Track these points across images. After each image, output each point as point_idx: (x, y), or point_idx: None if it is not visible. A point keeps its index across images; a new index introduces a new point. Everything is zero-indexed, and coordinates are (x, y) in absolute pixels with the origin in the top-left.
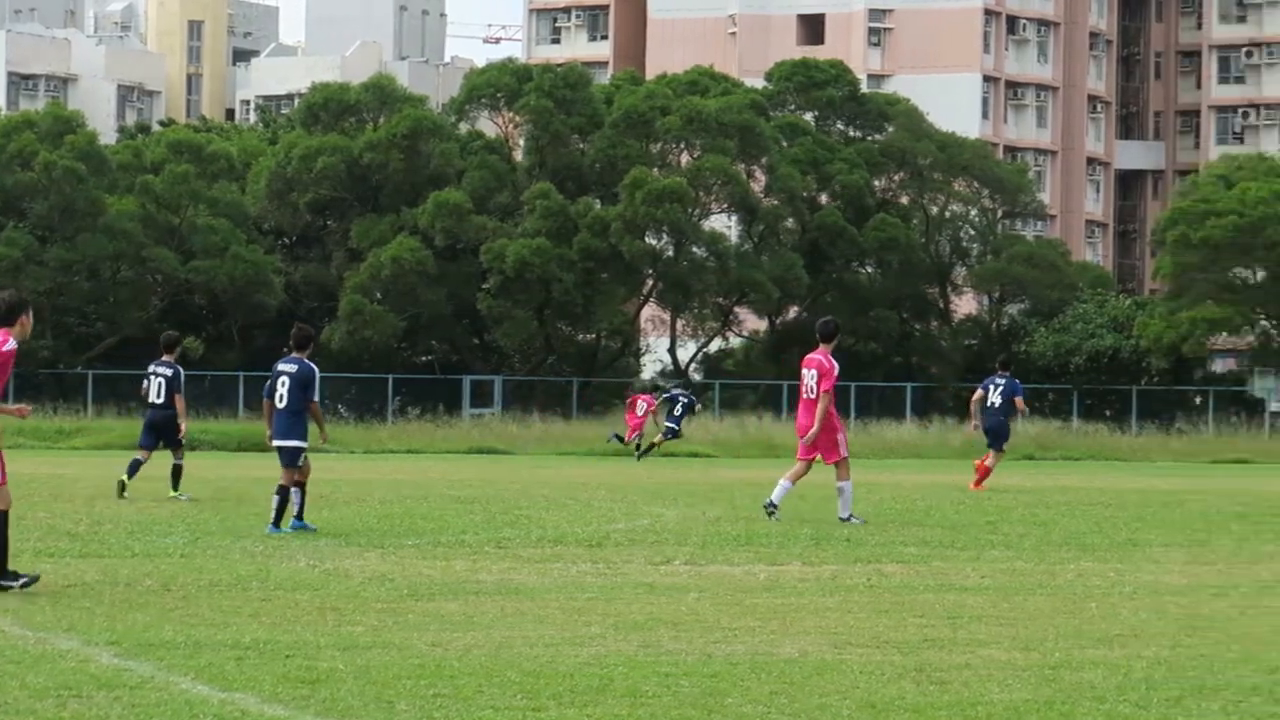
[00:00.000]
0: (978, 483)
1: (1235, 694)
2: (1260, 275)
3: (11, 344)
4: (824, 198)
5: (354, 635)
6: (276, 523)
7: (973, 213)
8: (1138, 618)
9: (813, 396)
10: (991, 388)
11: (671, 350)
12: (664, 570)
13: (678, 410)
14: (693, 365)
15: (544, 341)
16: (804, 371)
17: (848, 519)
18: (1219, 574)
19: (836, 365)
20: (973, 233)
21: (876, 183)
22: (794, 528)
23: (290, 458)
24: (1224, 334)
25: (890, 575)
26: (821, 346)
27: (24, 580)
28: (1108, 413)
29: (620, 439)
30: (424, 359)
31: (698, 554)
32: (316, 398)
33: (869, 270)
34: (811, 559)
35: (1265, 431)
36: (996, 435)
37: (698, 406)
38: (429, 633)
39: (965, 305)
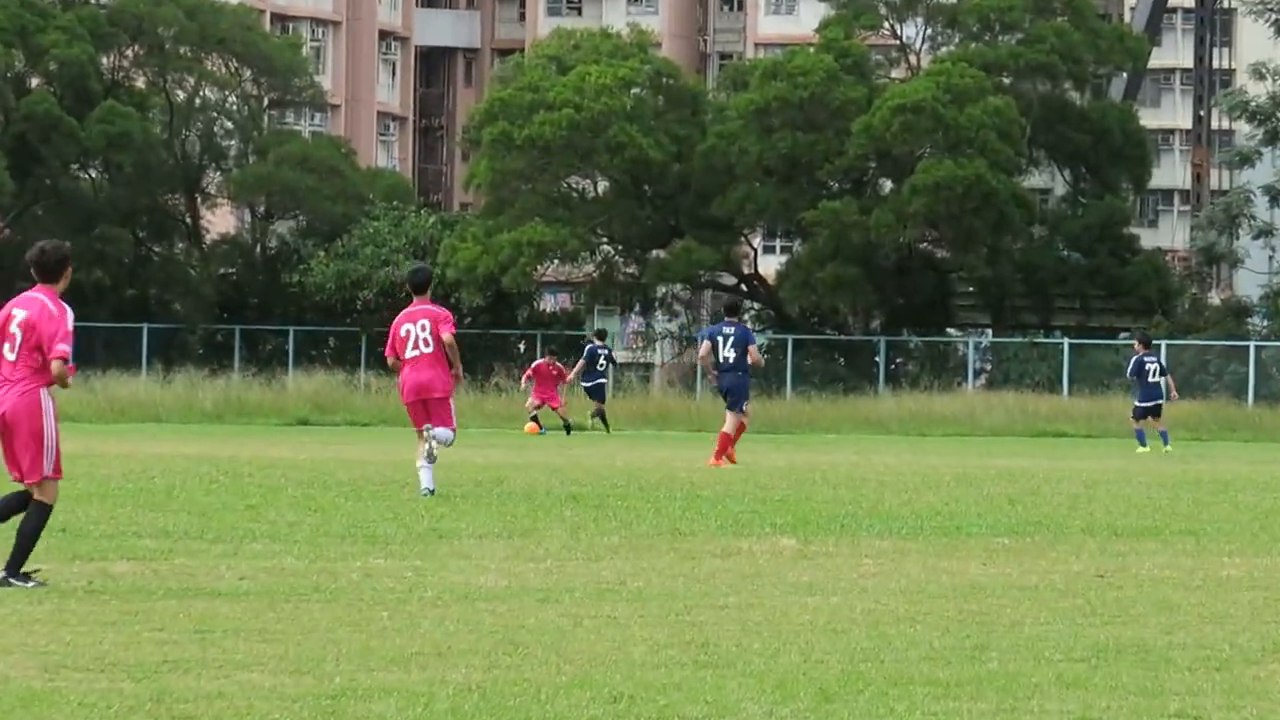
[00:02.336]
0: (718, 455)
1: None
2: (602, 187)
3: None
4: (34, 80)
5: None
6: None
7: (231, 100)
8: (443, 631)
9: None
10: (720, 339)
11: None
12: None
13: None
14: None
15: None
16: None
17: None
18: (548, 573)
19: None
20: (230, 126)
21: (104, 60)
22: None
23: None
24: (556, 262)
25: (119, 576)
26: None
27: (35, 582)
28: None
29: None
30: None
31: None
32: None
33: (93, 175)
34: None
35: (614, 389)
36: (736, 395)
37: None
38: None
39: (221, 222)
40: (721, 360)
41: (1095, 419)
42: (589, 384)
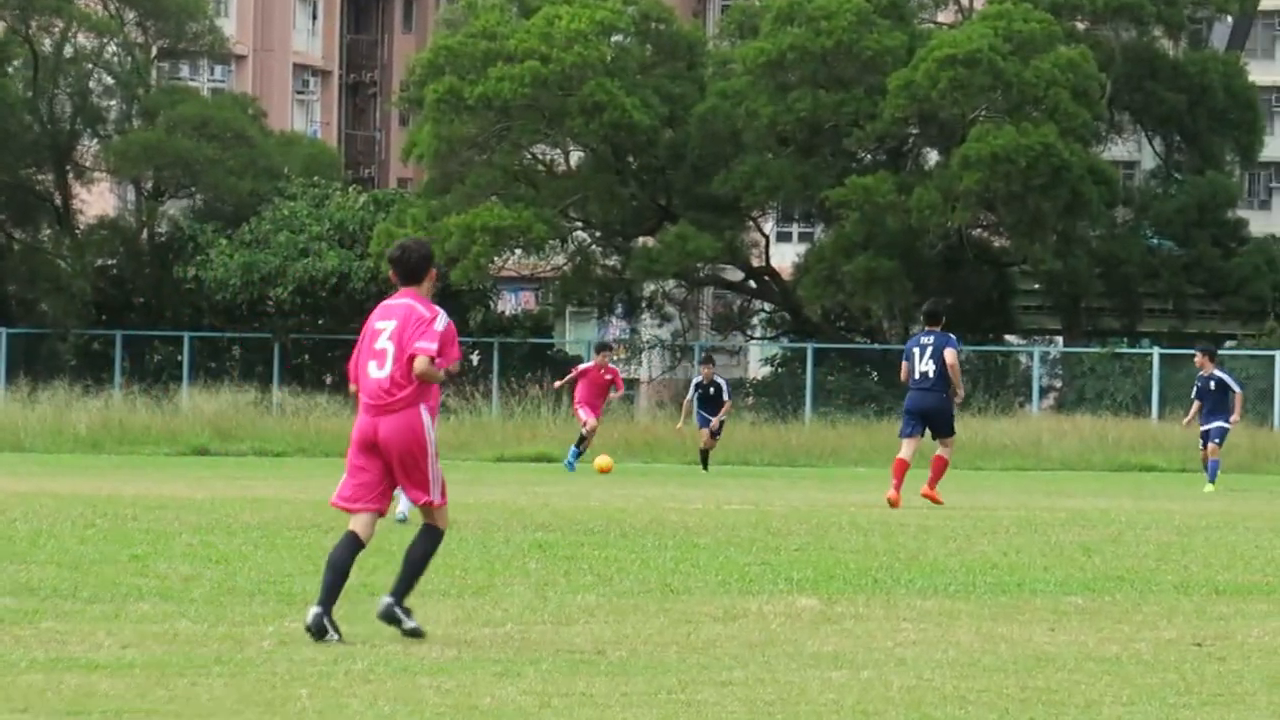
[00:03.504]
0: (932, 484)
1: None
2: (575, 158)
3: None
4: None
5: None
6: None
7: (111, 50)
8: (376, 712)
9: None
10: (917, 352)
11: None
12: None
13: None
14: None
15: None
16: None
17: None
18: (507, 641)
19: None
20: (110, 83)
21: None
22: None
23: None
24: (518, 252)
25: None
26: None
27: (412, 626)
28: (329, 378)
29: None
30: None
31: None
32: None
33: None
34: None
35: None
36: (937, 421)
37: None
38: None
39: (99, 202)
40: (919, 376)
41: (1192, 449)
42: None
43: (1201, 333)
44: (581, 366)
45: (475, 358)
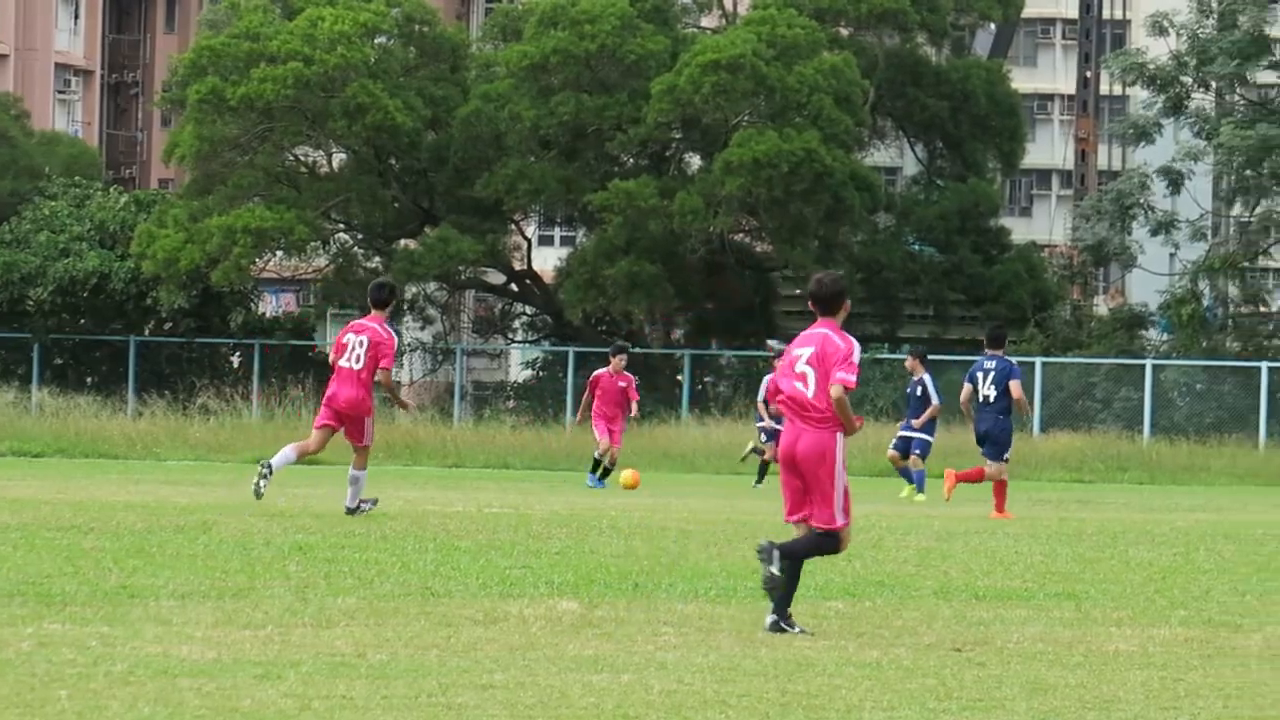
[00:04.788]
0: (999, 507)
1: None
2: (338, 160)
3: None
4: None
5: None
6: None
7: None
8: (136, 714)
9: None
10: (980, 376)
11: None
12: None
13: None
14: None
15: None
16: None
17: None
18: (267, 643)
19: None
20: None
21: None
22: None
23: None
24: (279, 254)
25: None
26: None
27: (800, 629)
28: (91, 378)
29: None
30: None
31: None
32: None
33: None
34: None
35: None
36: (995, 442)
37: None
38: None
39: None
40: (981, 399)
41: (956, 454)
42: None
43: (962, 339)
44: (597, 372)
45: (236, 359)
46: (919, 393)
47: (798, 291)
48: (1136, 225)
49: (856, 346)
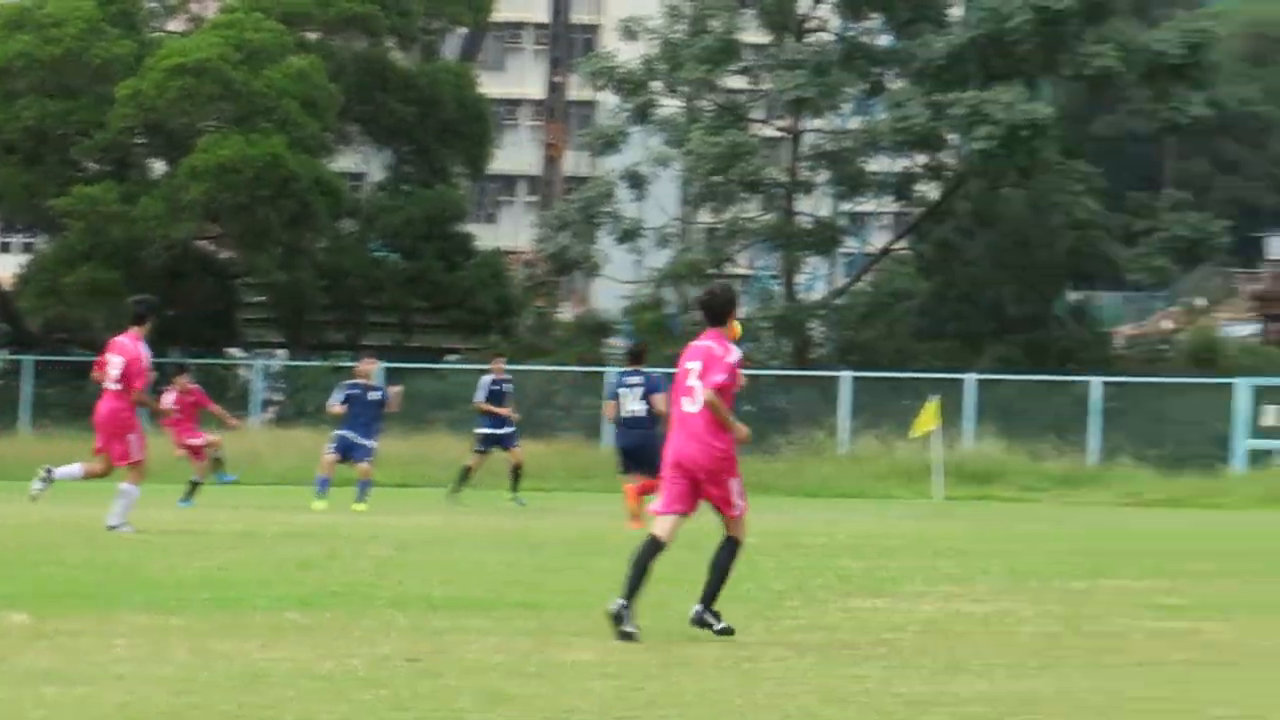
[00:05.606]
0: (634, 518)
1: None
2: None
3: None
4: None
5: None
6: None
7: None
8: None
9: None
10: (623, 392)
11: None
12: None
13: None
14: None
15: None
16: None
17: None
18: None
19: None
20: None
21: None
22: None
23: None
24: None
25: None
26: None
27: (723, 626)
28: None
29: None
30: None
31: None
32: None
33: None
34: None
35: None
36: (641, 456)
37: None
38: None
39: None
40: (624, 414)
41: (412, 463)
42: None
43: (425, 347)
44: (175, 382)
45: None
46: (369, 397)
47: (261, 299)
48: (603, 234)
49: (736, 352)
